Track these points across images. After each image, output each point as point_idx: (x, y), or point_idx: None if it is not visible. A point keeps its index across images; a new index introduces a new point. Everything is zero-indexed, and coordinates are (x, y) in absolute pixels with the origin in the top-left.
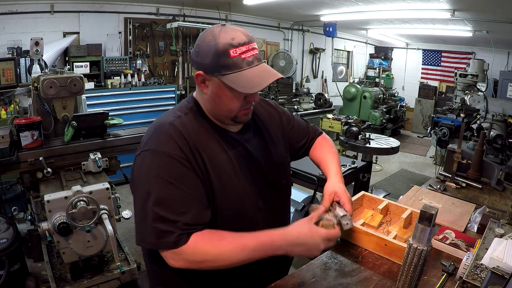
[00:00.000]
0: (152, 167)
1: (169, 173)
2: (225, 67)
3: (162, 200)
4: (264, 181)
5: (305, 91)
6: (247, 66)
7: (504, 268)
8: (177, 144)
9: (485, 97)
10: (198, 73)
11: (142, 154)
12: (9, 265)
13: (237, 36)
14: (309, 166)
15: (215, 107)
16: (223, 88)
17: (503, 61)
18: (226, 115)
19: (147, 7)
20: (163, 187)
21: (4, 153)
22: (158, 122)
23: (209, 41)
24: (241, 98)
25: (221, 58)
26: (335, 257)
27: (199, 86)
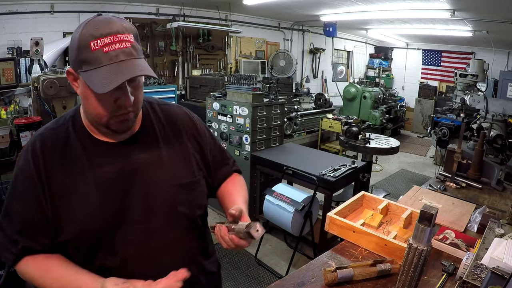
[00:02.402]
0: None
1: (18, 189)
2: (86, 62)
3: (7, 214)
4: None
5: (305, 91)
6: (108, 62)
7: (504, 268)
8: (30, 161)
9: (485, 97)
10: (67, 71)
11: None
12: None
13: (102, 25)
14: (309, 166)
15: (86, 111)
16: (87, 88)
17: (503, 61)
18: (97, 121)
19: (147, 7)
20: (10, 201)
21: (4, 153)
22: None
23: (75, 33)
24: (109, 100)
25: (82, 52)
26: (335, 257)
27: (73, 85)
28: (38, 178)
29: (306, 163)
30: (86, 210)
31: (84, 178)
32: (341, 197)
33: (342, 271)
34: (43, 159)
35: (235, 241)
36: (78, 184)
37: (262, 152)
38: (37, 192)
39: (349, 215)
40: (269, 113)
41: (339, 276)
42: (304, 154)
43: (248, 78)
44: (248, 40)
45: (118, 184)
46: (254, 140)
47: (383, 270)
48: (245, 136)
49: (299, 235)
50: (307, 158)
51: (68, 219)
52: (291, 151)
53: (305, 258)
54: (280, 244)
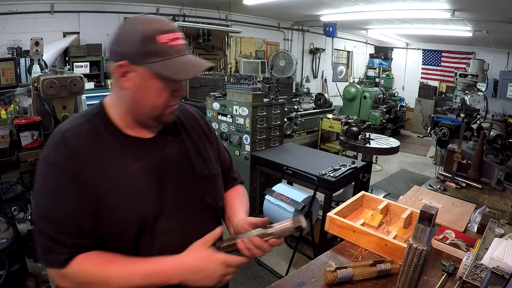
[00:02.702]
0: (39, 179)
1: (52, 186)
2: (153, 54)
3: (46, 216)
4: (179, 199)
5: (305, 91)
6: (177, 54)
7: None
8: (64, 155)
9: (485, 97)
10: (120, 63)
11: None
12: (9, 265)
13: (162, 22)
14: (309, 166)
15: (136, 104)
16: (150, 79)
17: (503, 61)
18: (149, 113)
19: (147, 7)
20: (46, 201)
21: (4, 153)
22: (56, 129)
23: (132, 28)
24: (168, 91)
25: (148, 45)
26: (335, 257)
27: (119, 80)
28: (76, 172)
29: (306, 163)
30: (128, 202)
31: (121, 171)
32: (341, 197)
33: (342, 271)
34: (79, 152)
35: (275, 244)
36: (116, 178)
37: (262, 152)
38: (77, 187)
39: (349, 215)
40: (269, 113)
41: (339, 276)
42: (304, 154)
43: (248, 78)
44: (248, 40)
45: (154, 178)
46: (254, 140)
47: (383, 270)
48: (245, 136)
49: (299, 235)
50: (307, 158)
51: (109, 212)
52: (291, 151)
53: (305, 258)
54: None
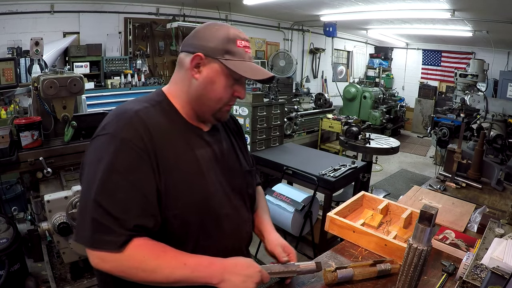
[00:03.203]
0: (104, 152)
1: (123, 162)
2: (230, 53)
3: (107, 190)
4: (232, 187)
5: (305, 91)
6: (248, 59)
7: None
8: (139, 132)
9: (485, 97)
10: (196, 55)
11: (98, 138)
12: (9, 265)
13: (241, 32)
14: (309, 166)
15: (202, 96)
16: (220, 74)
17: (503, 61)
18: (212, 106)
19: (147, 7)
20: (112, 175)
21: (4, 153)
22: (121, 108)
23: (216, 29)
24: (231, 89)
25: (229, 44)
26: (335, 257)
27: (191, 70)
28: (148, 150)
29: (306, 163)
30: (194, 185)
31: (190, 156)
32: (341, 197)
33: (342, 271)
34: (155, 132)
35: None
36: (182, 163)
37: (262, 152)
38: (149, 165)
39: (349, 215)
40: (269, 113)
41: (339, 276)
42: (304, 154)
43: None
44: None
45: (213, 167)
46: (254, 140)
47: (383, 270)
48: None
49: (299, 235)
50: (307, 158)
51: (176, 195)
52: (291, 151)
53: (305, 258)
54: None
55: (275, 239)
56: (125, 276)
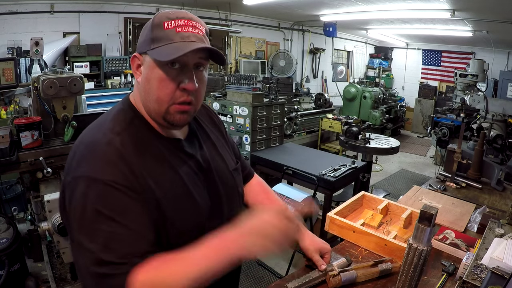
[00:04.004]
0: (89, 200)
1: (111, 207)
2: (156, 40)
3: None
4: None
5: (305, 91)
6: (179, 40)
7: (504, 268)
8: (119, 169)
9: (485, 97)
10: (133, 56)
11: (75, 181)
12: (9, 265)
13: (179, 12)
14: (309, 166)
15: (145, 97)
16: (153, 68)
17: (503, 61)
18: (156, 108)
19: (147, 7)
20: (104, 225)
21: (4, 153)
22: (91, 139)
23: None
24: (172, 83)
25: (154, 31)
26: (335, 257)
27: (135, 73)
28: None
29: (306, 163)
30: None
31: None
32: (341, 197)
33: (345, 274)
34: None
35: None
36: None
37: (262, 152)
38: (141, 202)
39: (349, 215)
40: (269, 113)
41: (343, 279)
42: (304, 154)
43: (248, 78)
44: (248, 40)
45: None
46: (254, 140)
47: (384, 269)
48: (245, 136)
49: None
50: (307, 158)
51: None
52: (291, 151)
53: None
54: None
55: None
56: None
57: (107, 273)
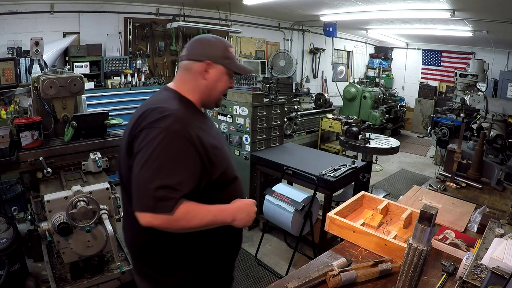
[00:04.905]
0: (162, 141)
1: (177, 148)
2: (227, 58)
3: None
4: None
5: (305, 91)
6: (236, 60)
7: (504, 268)
8: (186, 127)
9: (485, 97)
10: (206, 62)
11: (155, 129)
12: (9, 265)
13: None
14: (309, 166)
15: (211, 90)
16: (224, 74)
17: (503, 61)
18: (216, 97)
19: (147, 7)
20: (172, 159)
21: (4, 153)
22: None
23: (214, 41)
24: (228, 84)
25: (226, 52)
26: (335, 257)
27: (202, 74)
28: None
29: (306, 163)
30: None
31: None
32: (341, 197)
33: (345, 274)
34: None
35: None
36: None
37: (262, 152)
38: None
39: (349, 215)
40: (269, 113)
41: (343, 279)
42: (304, 154)
43: (248, 78)
44: (248, 40)
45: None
46: (254, 140)
47: (384, 269)
48: (245, 136)
49: (299, 235)
50: (307, 158)
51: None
52: (291, 151)
53: (305, 258)
54: (280, 244)
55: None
56: (168, 227)
57: (165, 195)
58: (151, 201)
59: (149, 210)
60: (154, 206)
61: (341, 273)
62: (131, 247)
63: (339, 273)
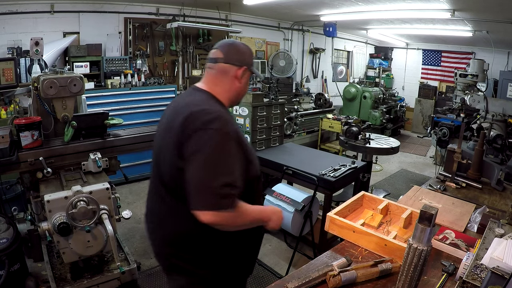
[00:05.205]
0: (218, 142)
1: (231, 149)
2: (253, 64)
3: (225, 168)
4: None
5: (305, 91)
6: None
7: (504, 268)
8: (233, 127)
9: (485, 97)
10: (245, 68)
11: (209, 131)
12: (9, 265)
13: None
14: (309, 166)
15: (240, 93)
16: (248, 78)
17: (503, 61)
18: (241, 98)
19: (147, 7)
20: (228, 159)
21: (4, 153)
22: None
23: (244, 48)
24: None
25: (252, 58)
26: (335, 257)
27: (238, 78)
28: (239, 137)
29: (306, 163)
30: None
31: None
32: (341, 197)
33: (345, 274)
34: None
35: None
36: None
37: (262, 152)
38: (241, 147)
39: (349, 215)
40: (269, 113)
41: (343, 279)
42: (304, 154)
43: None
44: (248, 40)
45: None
46: (254, 140)
47: (384, 269)
48: (245, 136)
49: (299, 235)
50: (307, 158)
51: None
52: (291, 151)
53: (305, 258)
54: (280, 244)
55: None
56: (227, 224)
57: (228, 193)
58: (215, 199)
59: (212, 208)
60: (219, 203)
61: (341, 273)
62: (169, 245)
63: (339, 273)
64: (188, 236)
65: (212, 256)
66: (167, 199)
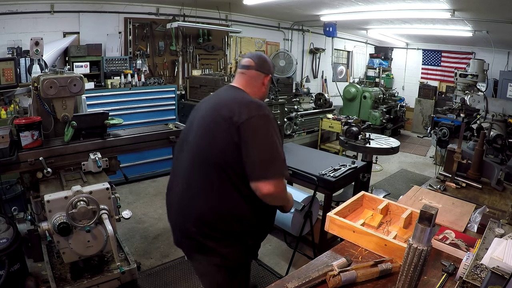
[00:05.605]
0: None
1: (277, 130)
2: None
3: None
4: None
5: (305, 91)
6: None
7: (504, 268)
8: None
9: (485, 97)
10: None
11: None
12: (9, 265)
13: None
14: (309, 166)
15: (264, 96)
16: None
17: (503, 61)
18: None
19: (147, 7)
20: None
21: (4, 153)
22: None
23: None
24: None
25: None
26: (335, 257)
27: (264, 85)
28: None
29: (306, 163)
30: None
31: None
32: (341, 197)
33: (345, 274)
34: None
35: None
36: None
37: None
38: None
39: (349, 215)
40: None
41: (343, 279)
42: (304, 154)
43: None
44: (248, 40)
45: None
46: None
47: (384, 269)
48: None
49: (299, 235)
50: (307, 158)
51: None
52: (291, 151)
53: (305, 258)
54: (280, 244)
55: None
56: (280, 194)
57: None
58: (282, 168)
59: (281, 175)
60: (286, 172)
61: (341, 273)
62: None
63: (339, 273)
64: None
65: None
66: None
